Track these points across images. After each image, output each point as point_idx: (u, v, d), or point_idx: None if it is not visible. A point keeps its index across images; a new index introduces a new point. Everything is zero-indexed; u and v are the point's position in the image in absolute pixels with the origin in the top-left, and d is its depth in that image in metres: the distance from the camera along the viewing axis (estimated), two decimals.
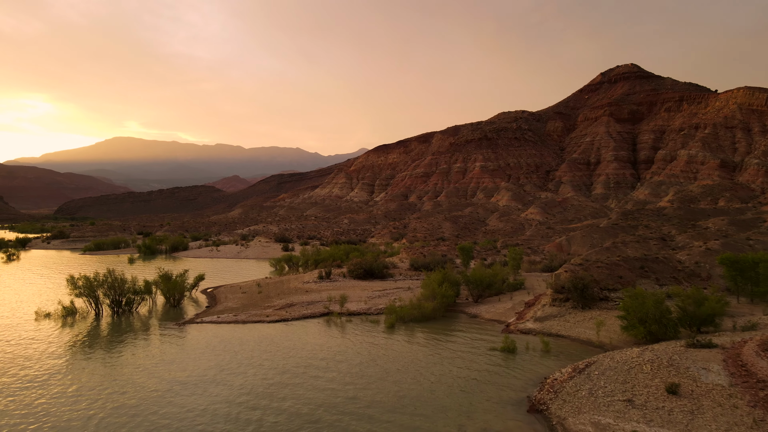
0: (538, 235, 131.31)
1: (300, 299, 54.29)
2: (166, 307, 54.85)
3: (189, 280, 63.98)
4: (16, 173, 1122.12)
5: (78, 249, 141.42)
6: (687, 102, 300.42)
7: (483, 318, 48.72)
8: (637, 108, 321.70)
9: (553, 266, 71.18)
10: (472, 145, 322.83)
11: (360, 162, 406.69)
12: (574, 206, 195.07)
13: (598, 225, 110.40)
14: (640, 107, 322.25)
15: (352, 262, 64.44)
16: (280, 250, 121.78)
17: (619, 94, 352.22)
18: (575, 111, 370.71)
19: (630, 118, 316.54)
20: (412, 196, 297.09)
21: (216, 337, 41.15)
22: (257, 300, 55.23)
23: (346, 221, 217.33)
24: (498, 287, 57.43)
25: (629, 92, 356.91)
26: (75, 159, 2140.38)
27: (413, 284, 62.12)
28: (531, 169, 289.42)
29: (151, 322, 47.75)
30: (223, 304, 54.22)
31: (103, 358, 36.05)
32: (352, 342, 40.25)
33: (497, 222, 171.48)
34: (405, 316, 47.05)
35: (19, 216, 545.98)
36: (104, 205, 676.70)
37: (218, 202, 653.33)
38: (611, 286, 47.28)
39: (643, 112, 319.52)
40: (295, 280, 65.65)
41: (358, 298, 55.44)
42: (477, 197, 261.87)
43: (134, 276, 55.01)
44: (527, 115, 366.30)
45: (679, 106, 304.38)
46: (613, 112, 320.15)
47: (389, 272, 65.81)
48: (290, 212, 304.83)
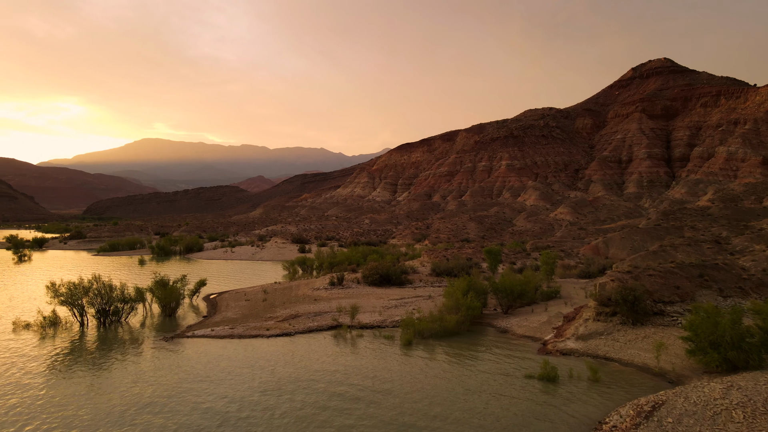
0: (569, 237, 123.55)
1: (307, 309, 48.47)
2: (161, 316, 49.66)
3: (190, 286, 58.93)
4: (48, 174, 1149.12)
5: (94, 250, 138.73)
6: (725, 97, 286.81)
7: (514, 333, 42.18)
8: (671, 104, 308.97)
9: (591, 272, 64.10)
10: (497, 143, 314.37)
11: (383, 161, 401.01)
12: (606, 206, 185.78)
13: (637, 226, 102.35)
14: (674, 103, 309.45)
15: (367, 267, 58.44)
16: (296, 251, 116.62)
17: (652, 90, 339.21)
18: (605, 107, 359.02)
19: (663, 114, 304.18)
20: (436, 196, 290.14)
21: (202, 357, 35.52)
22: (260, 309, 49.62)
23: (367, 221, 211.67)
24: (530, 296, 50.78)
25: (662, 87, 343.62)
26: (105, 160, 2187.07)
27: (434, 292, 55.80)
28: (559, 168, 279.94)
29: (138, 335, 42.49)
30: (222, 314, 48.77)
31: (62, 382, 30.70)
32: (361, 364, 34.20)
33: (525, 222, 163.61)
34: (424, 331, 40.85)
35: (48, 216, 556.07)
36: (131, 206, 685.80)
37: (242, 202, 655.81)
38: (667, 298, 40.24)
39: (678, 107, 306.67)
40: (305, 286, 59.95)
41: (372, 307, 49.38)
42: (503, 197, 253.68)
43: (134, 281, 50.11)
44: (555, 112, 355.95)
45: (716, 101, 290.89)
46: (646, 107, 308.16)
47: (408, 278, 59.59)
48: (311, 212, 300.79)
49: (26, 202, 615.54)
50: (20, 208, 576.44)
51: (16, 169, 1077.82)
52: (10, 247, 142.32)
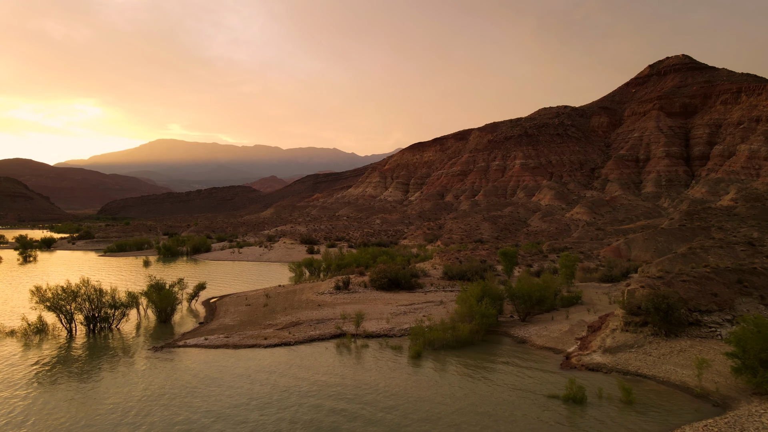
0: (587, 237, 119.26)
1: (309, 316, 45.28)
2: (156, 322, 46.78)
3: (188, 289, 56.11)
4: (65, 175, 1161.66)
5: (102, 250, 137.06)
6: (746, 94, 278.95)
7: (534, 344, 38.60)
8: (690, 101, 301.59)
9: (613, 275, 60.20)
10: (511, 141, 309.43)
11: (394, 160, 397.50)
12: (624, 205, 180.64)
13: (659, 226, 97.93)
14: (693, 100, 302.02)
15: (375, 270, 55.13)
16: (305, 252, 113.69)
17: (670, 87, 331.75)
18: (621, 105, 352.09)
19: (682, 112, 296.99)
20: (448, 196, 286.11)
21: (187, 372, 32.40)
22: (259, 315, 46.53)
23: (378, 221, 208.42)
24: (550, 302, 47.14)
25: (680, 85, 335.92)
26: (120, 161, 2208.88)
27: (447, 297, 52.34)
28: (574, 167, 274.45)
29: (127, 344, 39.61)
30: (219, 321, 45.75)
31: (32, 400, 27.77)
32: (364, 378, 30.90)
33: (540, 222, 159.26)
34: (435, 341, 37.47)
35: (63, 216, 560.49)
36: (144, 206, 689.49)
37: (254, 203, 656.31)
38: (703, 306, 36.38)
39: (697, 105, 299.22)
40: (310, 290, 56.80)
41: (380, 314, 46.06)
42: (517, 196, 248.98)
43: (134, 283, 47.33)
44: (570, 110, 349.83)
45: (736, 98, 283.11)
46: (664, 105, 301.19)
47: (418, 282, 56.17)
48: (322, 212, 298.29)
49: (42, 202, 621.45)
50: (36, 208, 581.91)
51: (33, 169, 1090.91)
52: (18, 247, 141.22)
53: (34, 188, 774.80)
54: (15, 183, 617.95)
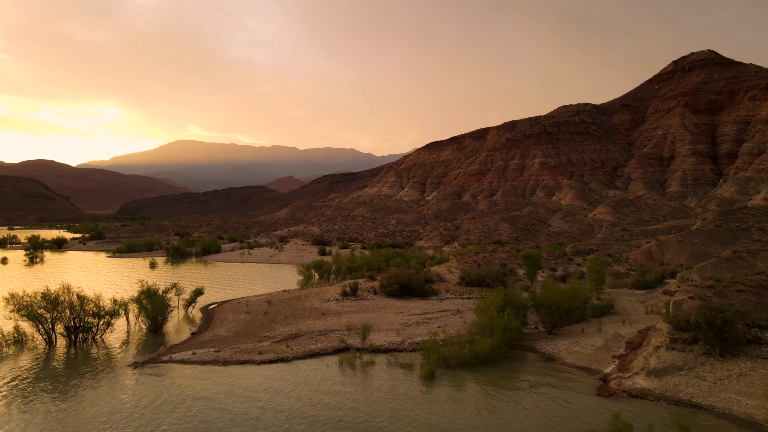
0: (612, 238, 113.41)
1: (311, 326, 41.01)
2: (145, 331, 42.90)
3: (185, 295, 52.26)
4: (86, 176, 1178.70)
5: (112, 251, 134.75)
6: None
7: (564, 362, 33.79)
8: (716, 97, 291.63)
9: (647, 281, 54.92)
10: (530, 140, 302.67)
11: (411, 160, 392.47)
12: (649, 205, 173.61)
13: (691, 227, 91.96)
14: (720, 96, 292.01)
15: (385, 275, 50.64)
16: (316, 253, 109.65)
17: (695, 83, 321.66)
18: (644, 103, 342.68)
19: (708, 109, 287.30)
20: (466, 195, 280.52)
21: (165, 392, 28.30)
22: (257, 325, 42.40)
23: (393, 222, 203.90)
24: (579, 312, 42.20)
25: (706, 81, 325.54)
26: (140, 161, 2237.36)
27: (464, 305, 47.64)
28: (596, 165, 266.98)
29: (108, 358, 35.75)
30: (213, 331, 41.73)
31: None
32: (366, 405, 26.47)
33: (561, 223, 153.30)
34: (450, 358, 32.91)
35: (82, 216, 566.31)
36: (162, 206, 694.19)
37: (271, 203, 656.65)
38: (764, 321, 31.24)
39: (723, 101, 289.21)
40: (315, 296, 52.55)
41: (389, 325, 41.60)
42: (536, 196, 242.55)
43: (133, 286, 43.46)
44: (590, 107, 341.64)
45: (765, 94, 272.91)
46: (689, 102, 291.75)
47: (433, 288, 51.51)
48: (337, 212, 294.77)
49: (62, 203, 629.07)
50: (56, 208, 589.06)
51: (55, 170, 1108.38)
52: (28, 248, 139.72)
53: (56, 189, 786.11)
54: (36, 183, 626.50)
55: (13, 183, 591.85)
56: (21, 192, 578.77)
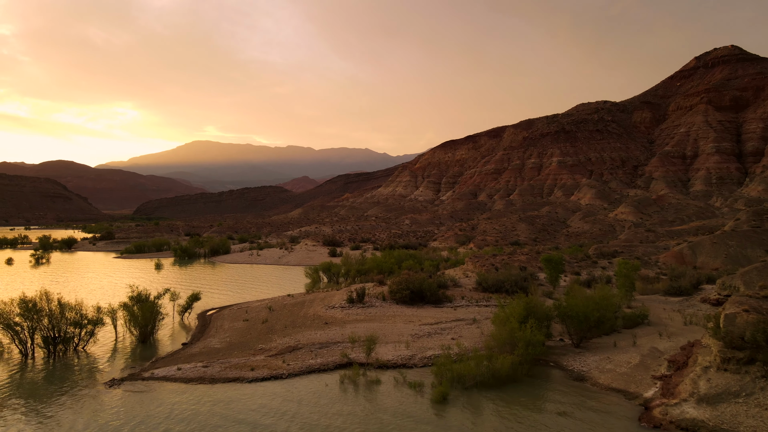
0: (635, 239, 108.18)
1: (311, 337, 37.24)
2: (133, 342, 39.51)
3: (181, 300, 48.89)
4: (104, 176, 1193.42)
5: (120, 251, 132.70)
6: None
7: (596, 383, 29.58)
8: (741, 94, 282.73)
9: (682, 287, 50.23)
10: (547, 138, 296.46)
11: (425, 159, 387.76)
12: (673, 205, 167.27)
13: (721, 228, 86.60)
14: (745, 93, 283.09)
15: (395, 280, 46.69)
16: (326, 254, 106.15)
17: (718, 80, 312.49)
18: (665, 100, 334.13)
19: (732, 106, 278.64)
20: (482, 195, 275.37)
21: (126, 425, 24.68)
22: (254, 336, 38.77)
23: (407, 222, 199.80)
24: (610, 323, 37.84)
25: (730, 77, 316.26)
26: (158, 162, 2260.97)
27: (481, 314, 43.50)
28: (616, 164, 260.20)
29: (86, 372, 32.36)
30: (205, 342, 38.20)
31: None
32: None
33: (581, 223, 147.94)
34: (466, 377, 28.92)
35: (100, 216, 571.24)
36: (178, 206, 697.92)
37: (285, 203, 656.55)
38: None
39: (749, 98, 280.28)
40: (320, 301, 48.82)
41: (398, 336, 37.67)
42: (554, 195, 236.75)
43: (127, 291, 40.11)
44: (610, 105, 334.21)
45: None
46: (712, 99, 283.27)
47: (447, 294, 47.43)
48: (350, 212, 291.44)
49: (80, 203, 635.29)
50: (74, 208, 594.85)
51: (74, 171, 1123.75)
52: (37, 248, 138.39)
53: (75, 189, 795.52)
54: (54, 184, 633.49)
55: (32, 183, 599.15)
56: (40, 192, 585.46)
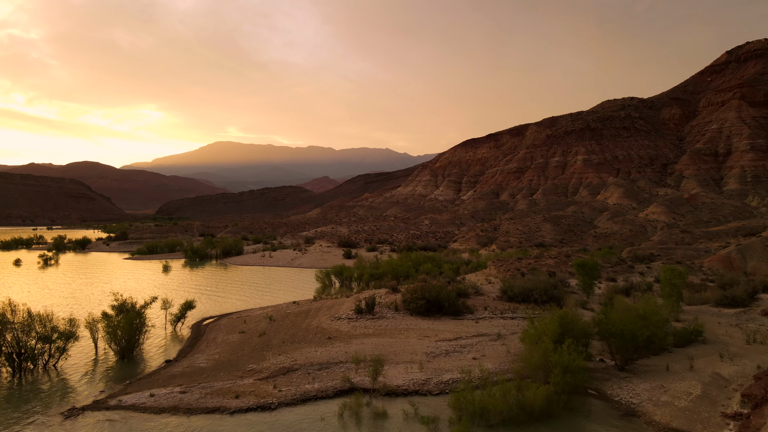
0: (670, 241, 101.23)
1: (310, 356, 32.37)
2: (113, 357, 35.15)
3: (174, 309, 44.57)
4: (128, 177, 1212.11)
5: (132, 251, 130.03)
6: None
7: (651, 419, 24.11)
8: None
9: (738, 297, 44.15)
10: (572, 136, 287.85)
11: (446, 158, 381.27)
12: (707, 204, 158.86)
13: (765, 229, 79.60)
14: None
15: (410, 288, 41.58)
16: (341, 256, 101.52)
17: (752, 74, 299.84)
18: (695, 96, 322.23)
19: (767, 101, 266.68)
20: (504, 194, 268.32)
21: None
22: (247, 352, 34.11)
23: (426, 222, 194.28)
24: (661, 341, 32.17)
25: (764, 71, 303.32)
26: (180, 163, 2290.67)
27: (507, 328, 38.17)
28: (644, 162, 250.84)
29: (49, 396, 28.05)
30: (191, 359, 33.70)
31: None
32: None
33: (610, 224, 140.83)
34: (490, 412, 23.74)
35: (122, 216, 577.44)
36: (199, 206, 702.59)
37: (305, 203, 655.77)
38: None
39: None
40: (327, 311, 44.00)
41: (411, 354, 32.60)
42: (580, 194, 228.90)
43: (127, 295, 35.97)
44: (637, 102, 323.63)
45: None
46: (746, 94, 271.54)
47: (467, 303, 42.13)
48: (369, 212, 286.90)
49: (103, 203, 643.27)
50: (97, 208, 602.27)
51: (99, 172, 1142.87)
52: (50, 248, 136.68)
53: (100, 190, 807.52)
54: (78, 184, 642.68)
55: (57, 184, 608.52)
56: (64, 193, 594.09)
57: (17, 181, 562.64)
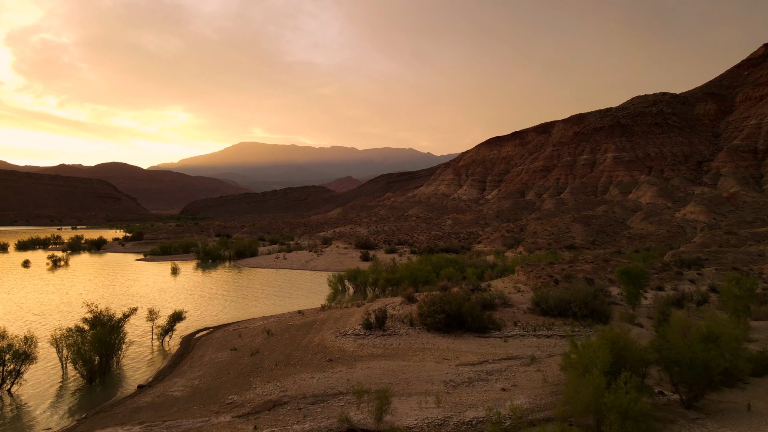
0: (714, 243, 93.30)
1: (304, 384, 26.91)
2: (80, 380, 30.32)
3: (160, 321, 39.75)
4: (154, 177, 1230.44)
5: (146, 252, 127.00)
6: None
7: None
8: None
9: None
10: (601, 133, 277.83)
11: (470, 156, 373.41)
12: (749, 204, 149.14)
13: None
14: None
15: (427, 299, 35.82)
16: (358, 258, 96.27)
17: None
18: (732, 90, 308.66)
19: None
20: (530, 193, 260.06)
21: None
22: (232, 376, 28.89)
23: (449, 222, 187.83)
24: (739, 372, 25.82)
25: None
26: (206, 163, 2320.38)
27: (541, 348, 32.16)
28: (678, 160, 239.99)
29: None
30: (165, 384, 28.64)
31: None
32: None
33: (644, 224, 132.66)
34: None
35: (147, 216, 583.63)
36: (223, 206, 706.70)
37: (327, 203, 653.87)
38: None
39: None
40: (333, 323, 38.60)
41: (426, 383, 26.91)
42: (610, 193, 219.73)
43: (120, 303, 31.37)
44: (669, 97, 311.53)
45: None
46: None
47: (494, 317, 36.21)
48: (390, 212, 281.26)
49: (129, 203, 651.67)
50: (123, 208, 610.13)
51: (126, 172, 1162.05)
52: (65, 249, 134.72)
53: (127, 190, 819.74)
54: (105, 185, 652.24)
55: (84, 185, 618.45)
56: (91, 193, 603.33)
57: (46, 181, 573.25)
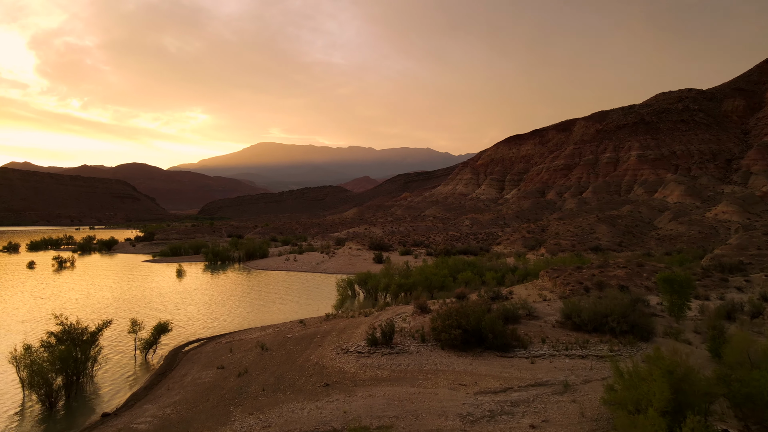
0: (752, 246, 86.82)
1: (292, 418, 22.55)
2: (38, 406, 26.42)
3: (144, 333, 35.81)
4: (174, 178, 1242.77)
5: (156, 253, 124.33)
6: None
7: None
8: None
9: None
10: (624, 131, 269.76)
11: (488, 155, 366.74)
12: None
13: None
14: None
15: (441, 313, 31.22)
16: (371, 260, 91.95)
17: None
18: (761, 86, 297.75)
19: None
20: (550, 193, 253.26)
21: None
22: (211, 405, 24.70)
23: (467, 222, 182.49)
24: None
25: None
26: (224, 164, 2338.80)
27: (575, 371, 27.37)
28: (706, 158, 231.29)
29: None
30: (133, 413, 24.59)
31: None
32: None
33: (674, 224, 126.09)
34: None
35: (166, 216, 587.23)
36: (240, 206, 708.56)
37: (344, 203, 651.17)
38: None
39: None
40: (335, 337, 34.29)
41: (439, 418, 22.34)
42: (635, 193, 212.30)
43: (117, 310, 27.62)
44: (695, 93, 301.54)
45: None
46: None
47: (518, 332, 31.45)
48: (407, 212, 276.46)
49: (147, 203, 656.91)
50: (142, 208, 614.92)
51: (146, 173, 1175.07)
52: (75, 249, 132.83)
53: (147, 191, 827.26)
54: (124, 185, 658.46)
55: (104, 185, 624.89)
56: (111, 193, 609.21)
57: (67, 182, 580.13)
